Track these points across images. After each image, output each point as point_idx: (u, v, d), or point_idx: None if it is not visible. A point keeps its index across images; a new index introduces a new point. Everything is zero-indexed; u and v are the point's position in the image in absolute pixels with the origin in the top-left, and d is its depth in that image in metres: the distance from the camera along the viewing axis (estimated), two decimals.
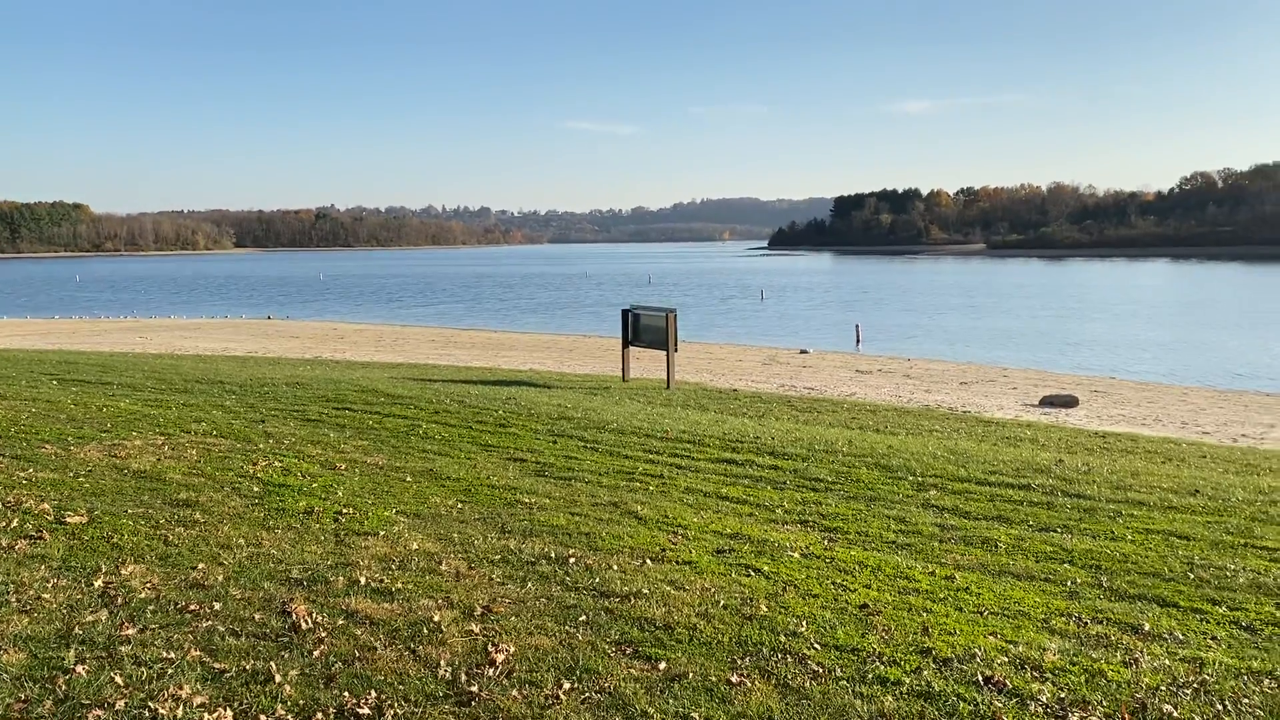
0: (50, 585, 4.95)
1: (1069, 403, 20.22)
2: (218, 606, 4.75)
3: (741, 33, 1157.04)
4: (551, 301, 73.37)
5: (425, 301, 75.38)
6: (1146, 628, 5.09)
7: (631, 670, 4.20)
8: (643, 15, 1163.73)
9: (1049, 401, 20.50)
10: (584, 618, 4.79)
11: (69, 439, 9.04)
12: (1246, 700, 4.16)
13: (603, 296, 76.72)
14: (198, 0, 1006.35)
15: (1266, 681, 4.38)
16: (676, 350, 19.21)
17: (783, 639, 4.60)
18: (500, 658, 4.23)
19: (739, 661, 4.35)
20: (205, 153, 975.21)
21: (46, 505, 6.45)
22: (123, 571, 5.20)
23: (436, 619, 4.68)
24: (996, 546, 6.73)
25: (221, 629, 4.47)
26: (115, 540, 5.78)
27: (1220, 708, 4.08)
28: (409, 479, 8.06)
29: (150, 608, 4.70)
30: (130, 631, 4.38)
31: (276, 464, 8.32)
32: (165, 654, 4.15)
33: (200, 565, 5.37)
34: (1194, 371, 29.32)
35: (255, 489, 7.35)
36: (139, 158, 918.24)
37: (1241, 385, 26.02)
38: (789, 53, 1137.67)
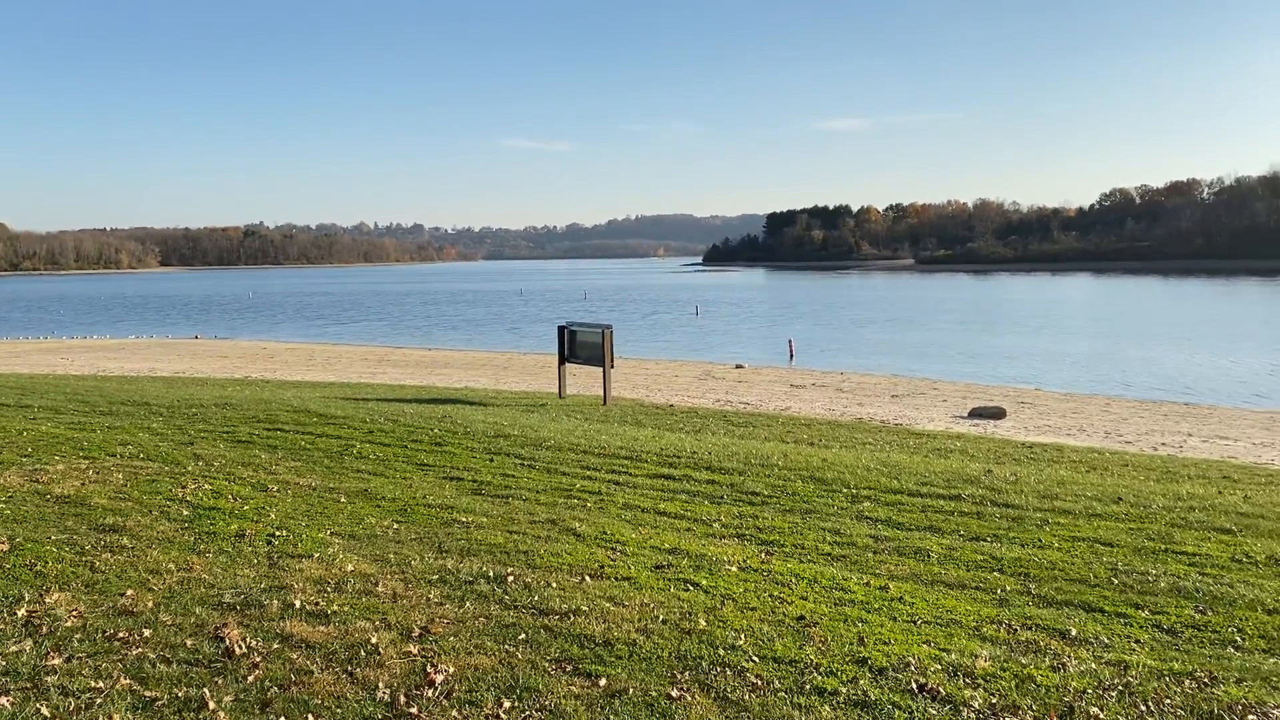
0: None
1: (997, 414, 20.68)
2: (148, 633, 4.64)
3: (675, 51, 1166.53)
4: (486, 318, 73.00)
5: (357, 319, 74.48)
6: (1073, 633, 5.23)
7: (572, 687, 4.20)
8: (577, 33, 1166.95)
9: (977, 413, 20.94)
10: (523, 636, 4.78)
11: None
12: (1168, 701, 4.29)
13: (538, 313, 76.56)
14: (119, 12, 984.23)
15: (1187, 682, 4.52)
16: (613, 366, 19.25)
17: (722, 652, 4.63)
18: (439, 678, 4.20)
19: (679, 676, 4.37)
20: (129, 168, 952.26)
21: None
22: (47, 600, 5.05)
23: (374, 641, 4.63)
24: (929, 556, 6.87)
25: (152, 656, 4.36)
26: (39, 568, 5.61)
27: (1144, 709, 4.21)
28: (343, 500, 7.96)
29: (77, 636, 4.57)
30: (56, 661, 4.26)
31: (206, 487, 8.15)
32: (94, 683, 4.04)
33: (129, 591, 5.24)
34: (1116, 382, 30.19)
35: (185, 513, 7.19)
36: (59, 174, 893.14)
37: (1161, 396, 26.84)
38: (722, 72, 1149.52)
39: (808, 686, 4.29)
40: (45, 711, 3.79)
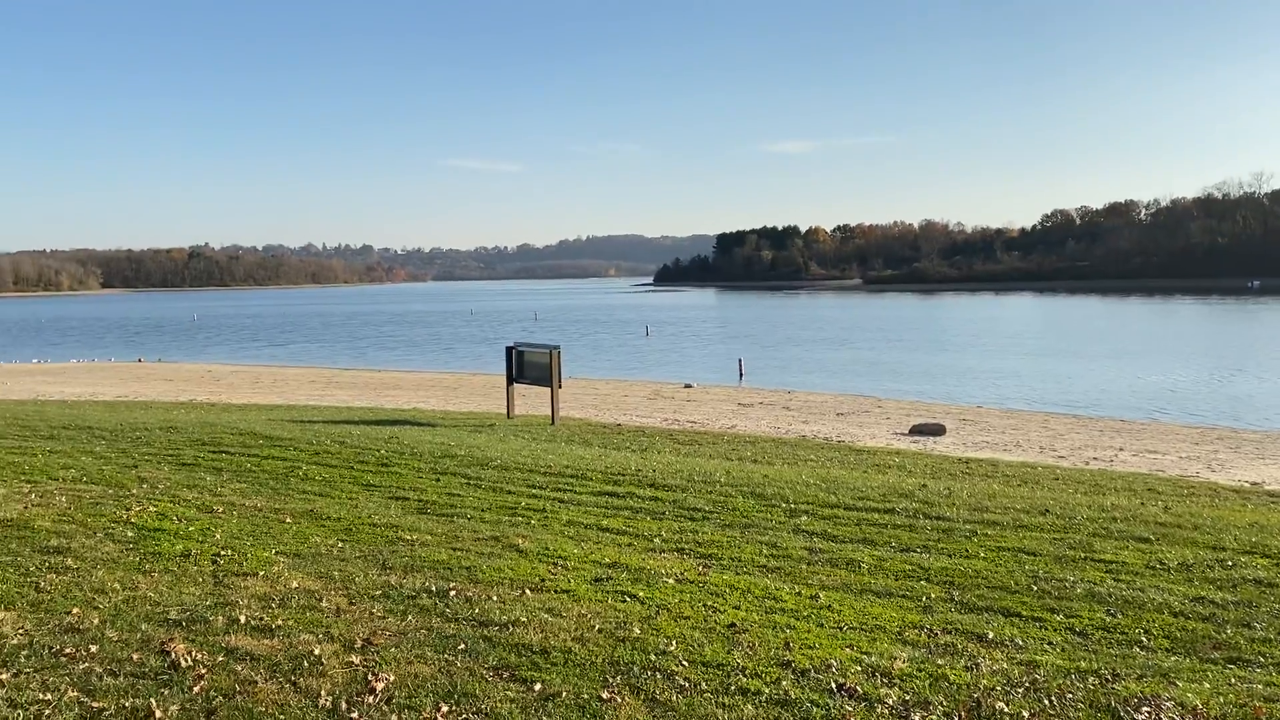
0: None
1: (937, 431, 21.14)
2: (94, 649, 4.76)
3: (623, 73, 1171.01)
4: (436, 339, 72.72)
5: (305, 341, 73.77)
6: (990, 636, 5.52)
7: (508, 692, 4.40)
8: (521, 55, 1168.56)
9: (918, 430, 21.39)
10: (463, 646, 4.96)
11: None
12: (1070, 695, 4.58)
13: (488, 334, 76.44)
14: (51, 24, 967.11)
15: (1091, 679, 4.82)
16: (561, 387, 19.42)
17: (653, 658, 4.85)
18: (380, 686, 4.37)
19: (611, 680, 4.58)
20: (69, 188, 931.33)
21: None
22: None
23: (317, 652, 4.79)
24: (860, 567, 7.14)
25: (99, 670, 4.49)
26: None
27: (1047, 703, 4.49)
28: (289, 520, 8.06)
29: (24, 653, 4.69)
30: (4, 676, 4.38)
31: (151, 509, 8.21)
32: (41, 696, 4.17)
33: (75, 610, 5.35)
34: (1056, 399, 30.90)
35: (129, 534, 7.27)
36: None
37: (1098, 412, 27.55)
38: (670, 94, 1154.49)
39: (733, 688, 4.52)
40: None
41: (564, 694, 4.39)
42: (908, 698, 4.47)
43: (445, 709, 4.20)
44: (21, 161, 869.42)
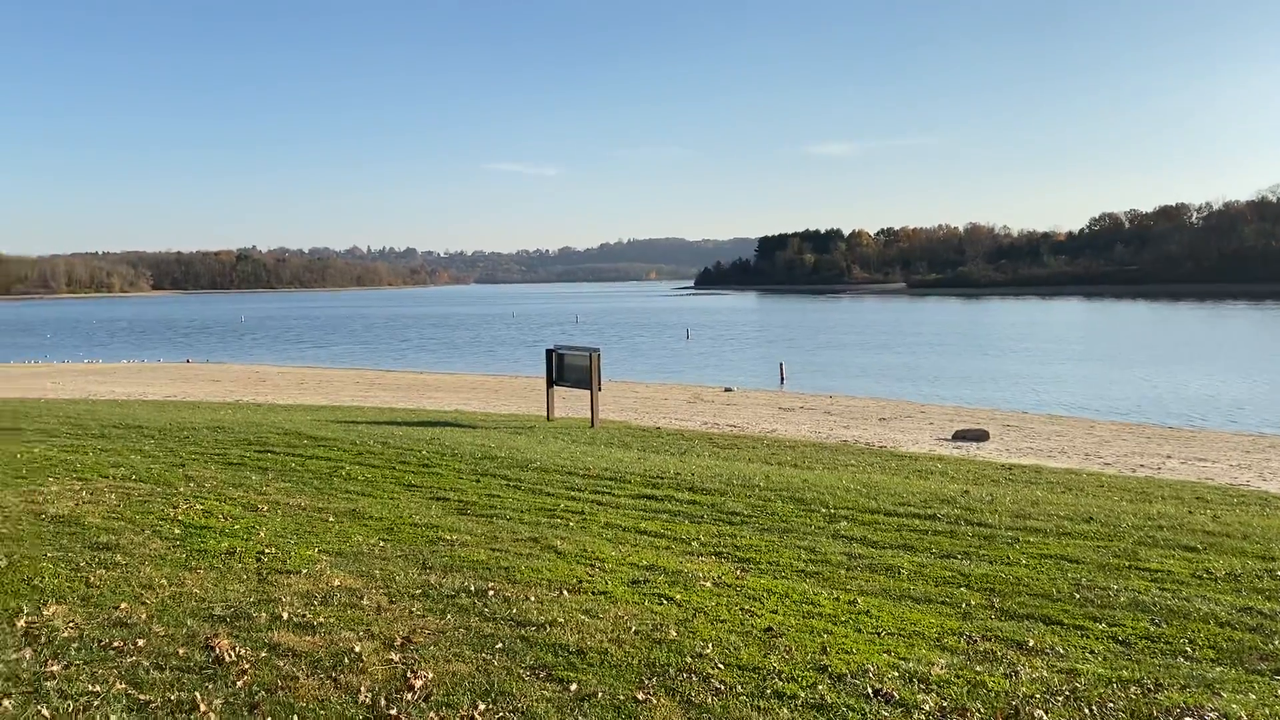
0: None
1: (980, 437, 20.93)
2: (141, 643, 4.87)
3: (663, 75, 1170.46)
4: (478, 342, 73.24)
5: (349, 343, 74.64)
6: (1031, 643, 5.46)
7: (544, 692, 4.44)
8: (561, 59, 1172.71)
9: (961, 436, 21.18)
10: (501, 645, 5.01)
11: None
12: (1111, 704, 4.53)
13: (529, 337, 76.83)
14: (104, 37, 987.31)
15: (1133, 689, 4.76)
16: (600, 389, 19.47)
17: (689, 660, 4.87)
18: (419, 683, 4.44)
19: (646, 681, 4.60)
20: (121, 192, 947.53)
21: None
22: (45, 612, 5.29)
23: (357, 649, 4.86)
24: (899, 573, 7.09)
25: (146, 663, 4.61)
26: (36, 583, 5.84)
27: (1087, 711, 4.44)
28: (331, 519, 8.17)
29: (74, 645, 4.82)
30: (55, 668, 4.50)
31: (198, 507, 8.37)
32: (91, 688, 4.29)
33: (123, 605, 5.48)
34: (1102, 406, 30.45)
35: (176, 531, 7.41)
36: (50, 198, 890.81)
37: (1146, 419, 27.12)
38: (711, 95, 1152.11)
39: (769, 691, 4.52)
40: (45, 713, 4.03)
41: (600, 694, 4.42)
42: (945, 704, 4.44)
43: (483, 707, 4.25)
44: (75, 166, 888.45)
